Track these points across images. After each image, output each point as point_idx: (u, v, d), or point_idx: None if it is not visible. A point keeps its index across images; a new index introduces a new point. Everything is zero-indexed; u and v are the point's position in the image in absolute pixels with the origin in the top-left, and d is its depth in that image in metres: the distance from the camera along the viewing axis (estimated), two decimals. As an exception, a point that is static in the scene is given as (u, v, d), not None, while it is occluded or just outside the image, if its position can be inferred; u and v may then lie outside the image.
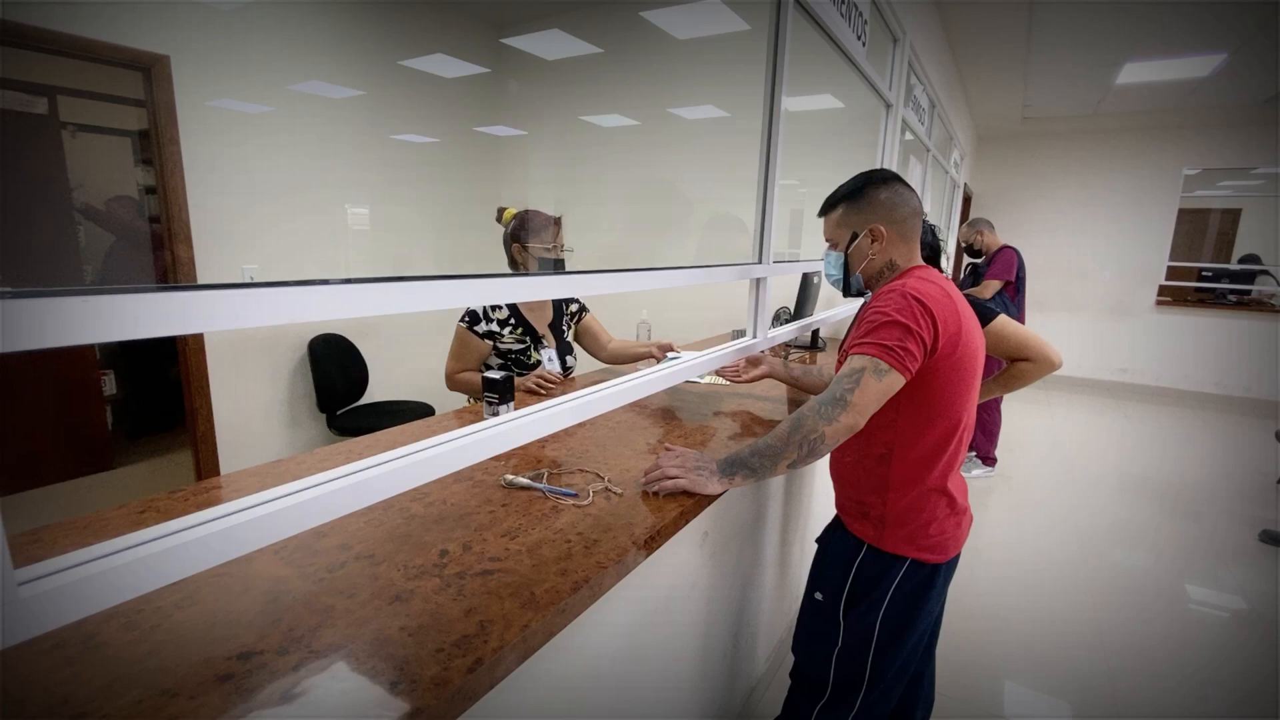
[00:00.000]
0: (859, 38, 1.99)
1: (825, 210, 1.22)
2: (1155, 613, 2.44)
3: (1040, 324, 4.42)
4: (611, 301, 1.93)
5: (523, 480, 1.02)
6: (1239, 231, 8.64)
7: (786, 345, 2.77)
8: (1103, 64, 4.46)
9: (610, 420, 1.44)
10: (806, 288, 2.52)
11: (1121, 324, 6.52)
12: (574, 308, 1.97)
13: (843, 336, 1.34)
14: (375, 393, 3.23)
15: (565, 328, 1.92)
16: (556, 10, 3.61)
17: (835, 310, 2.65)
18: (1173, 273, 6.40)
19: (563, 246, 1.78)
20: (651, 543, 0.89)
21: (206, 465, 2.62)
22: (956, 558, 1.20)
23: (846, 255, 1.17)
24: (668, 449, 1.16)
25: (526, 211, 1.77)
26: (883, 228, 1.13)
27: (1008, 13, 3.64)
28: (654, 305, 2.46)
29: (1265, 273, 6.46)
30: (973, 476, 3.79)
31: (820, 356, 2.63)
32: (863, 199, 1.15)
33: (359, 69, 3.16)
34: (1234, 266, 6.62)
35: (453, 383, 1.75)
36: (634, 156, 4.10)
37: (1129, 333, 6.48)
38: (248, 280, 0.52)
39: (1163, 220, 6.33)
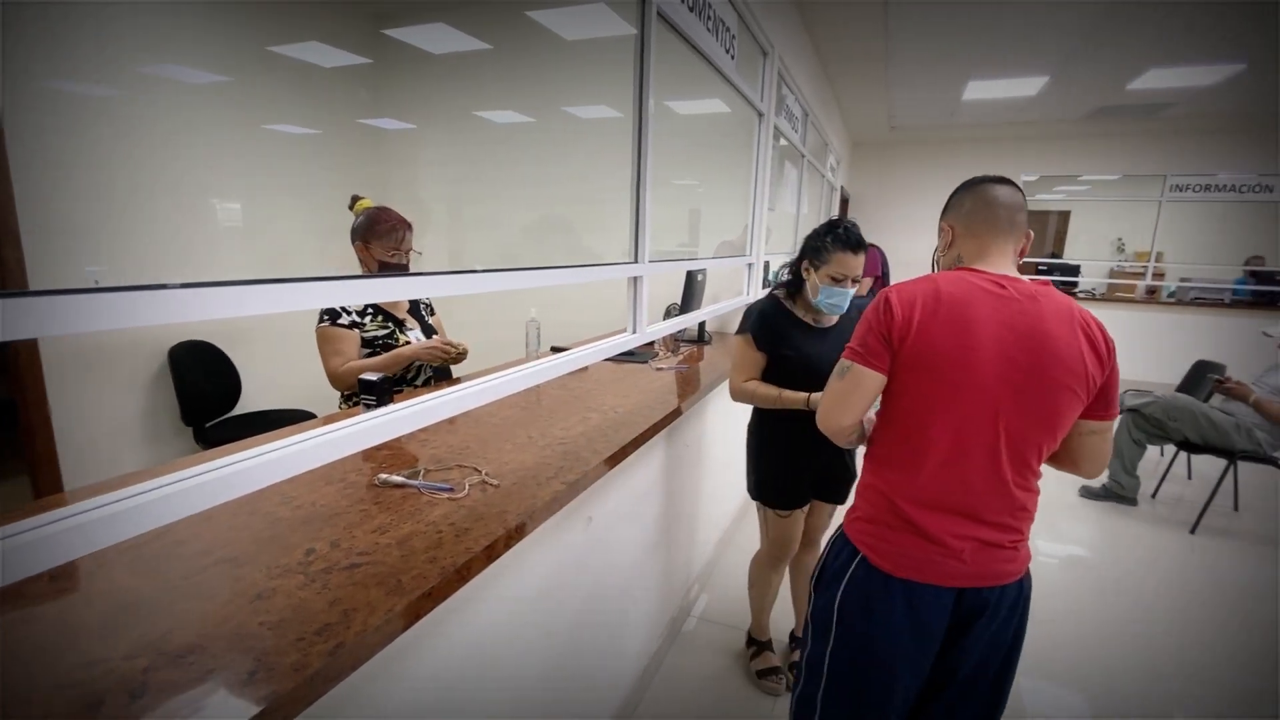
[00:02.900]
0: (727, 51, 2.13)
1: None
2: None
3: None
4: (499, 300, 1.94)
5: (397, 479, 1.04)
6: (1070, 230, 9.92)
7: (676, 339, 2.90)
8: (950, 81, 4.99)
9: (496, 416, 1.48)
10: (691, 285, 2.65)
11: (977, 313, 7.31)
12: (427, 299, 2.00)
13: None
14: (250, 402, 3.03)
15: (424, 314, 1.96)
16: (440, 5, 3.54)
17: (719, 306, 2.81)
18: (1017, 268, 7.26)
19: (410, 252, 1.77)
20: (524, 527, 0.95)
21: (48, 489, 2.36)
22: (940, 591, 1.08)
23: (935, 257, 1.24)
24: None
25: (378, 210, 1.75)
26: (950, 225, 1.16)
27: (866, 32, 3.99)
28: (544, 304, 2.49)
29: (1074, 266, 7.48)
30: (851, 455, 4.14)
31: (707, 350, 2.78)
32: (946, 204, 1.21)
33: (222, 53, 2.94)
34: (1061, 261, 7.61)
35: (347, 379, 1.68)
36: (530, 154, 4.10)
37: (983, 321, 7.28)
38: (92, 285, 0.51)
39: (1007, 221, 7.16)
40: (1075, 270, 7.36)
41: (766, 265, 3.77)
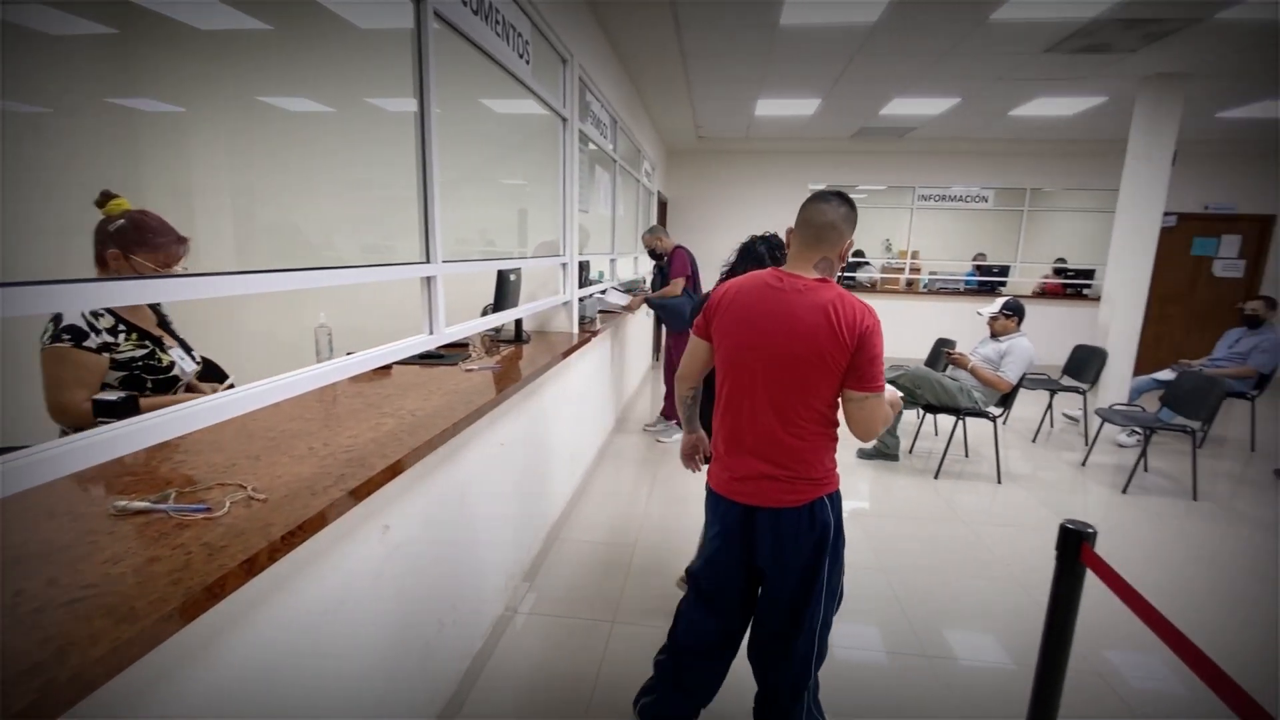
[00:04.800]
0: (522, 56, 2.18)
1: None
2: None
3: (719, 309, 5.39)
4: (284, 301, 1.78)
5: (139, 504, 0.95)
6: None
7: (494, 340, 2.90)
8: (743, 97, 5.53)
9: (275, 430, 1.39)
10: (504, 284, 2.66)
11: (781, 306, 8.22)
12: (164, 311, 1.76)
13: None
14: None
15: (174, 329, 1.73)
16: (202, -24, 3.15)
17: (534, 305, 2.86)
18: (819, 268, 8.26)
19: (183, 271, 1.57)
20: (291, 538, 0.92)
21: None
22: (737, 509, 1.45)
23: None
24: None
25: (152, 217, 1.52)
26: (789, 233, 1.49)
27: (664, 47, 4.28)
28: (335, 307, 2.33)
29: (866, 263, 8.72)
30: (672, 440, 4.44)
31: (526, 349, 2.82)
32: None
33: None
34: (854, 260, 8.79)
35: (83, 417, 1.38)
36: (332, 147, 3.81)
37: (786, 312, 8.19)
38: None
39: (799, 223, 8.10)
40: (855, 266, 8.56)
41: (586, 265, 3.90)
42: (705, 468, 1.72)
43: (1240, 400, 4.79)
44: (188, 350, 1.67)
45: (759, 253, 2.03)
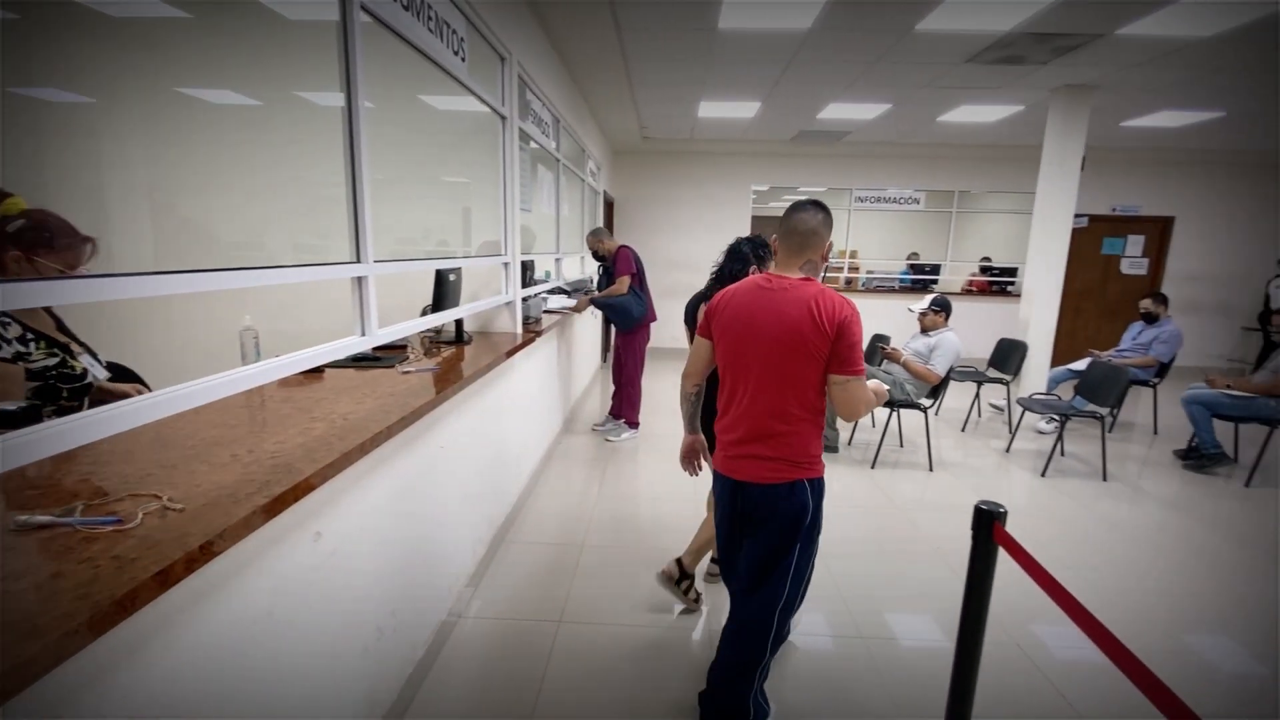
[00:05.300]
0: (457, 53, 2.16)
1: None
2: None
3: (663, 309, 5.42)
4: (204, 303, 1.68)
5: (42, 518, 0.90)
6: (794, 232, 11.62)
7: (434, 341, 2.85)
8: (686, 98, 5.61)
9: (195, 438, 1.33)
10: (443, 284, 2.62)
11: (727, 304, 8.34)
12: (60, 315, 1.66)
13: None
14: None
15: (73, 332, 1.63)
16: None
17: (474, 305, 2.83)
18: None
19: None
20: (210, 548, 0.89)
21: None
22: (730, 483, 1.63)
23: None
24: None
25: (46, 215, 1.43)
26: (773, 240, 1.65)
27: (605, 48, 4.30)
28: (277, 309, 2.25)
29: None
30: (621, 439, 4.47)
31: (468, 350, 2.78)
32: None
33: None
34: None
35: None
36: (257, 141, 3.64)
37: (732, 311, 8.33)
38: None
39: (742, 223, 8.25)
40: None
41: (530, 265, 3.87)
42: (706, 467, 1.95)
43: (1144, 388, 5.19)
44: (94, 356, 1.58)
45: (744, 252, 2.19)
